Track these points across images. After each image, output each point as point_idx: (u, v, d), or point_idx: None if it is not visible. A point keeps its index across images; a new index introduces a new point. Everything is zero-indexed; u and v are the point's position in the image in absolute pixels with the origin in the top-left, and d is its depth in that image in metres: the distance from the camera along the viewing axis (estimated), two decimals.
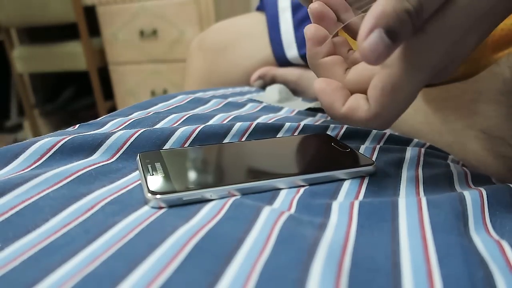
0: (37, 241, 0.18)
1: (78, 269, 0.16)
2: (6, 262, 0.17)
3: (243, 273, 0.17)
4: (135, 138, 0.29)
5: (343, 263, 0.17)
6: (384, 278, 0.17)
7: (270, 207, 0.22)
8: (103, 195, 0.23)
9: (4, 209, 0.20)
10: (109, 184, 0.24)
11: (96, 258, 0.17)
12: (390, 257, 0.18)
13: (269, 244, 0.19)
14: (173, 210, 0.22)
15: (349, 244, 0.19)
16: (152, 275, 0.16)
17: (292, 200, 0.24)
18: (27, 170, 0.25)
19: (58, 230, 0.19)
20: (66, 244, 0.18)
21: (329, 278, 0.16)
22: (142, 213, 0.21)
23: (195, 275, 0.16)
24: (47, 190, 0.22)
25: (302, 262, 0.17)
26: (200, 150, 0.29)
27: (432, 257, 0.18)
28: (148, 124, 0.34)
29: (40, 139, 0.28)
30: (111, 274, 0.16)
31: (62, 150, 0.27)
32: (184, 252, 0.18)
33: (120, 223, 0.20)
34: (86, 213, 0.21)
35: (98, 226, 0.20)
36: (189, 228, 0.20)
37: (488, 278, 0.17)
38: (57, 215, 0.20)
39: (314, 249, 0.18)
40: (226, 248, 0.18)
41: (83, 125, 0.34)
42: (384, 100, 0.22)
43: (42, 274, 0.16)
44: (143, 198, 0.23)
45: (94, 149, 0.28)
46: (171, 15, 1.61)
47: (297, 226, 0.20)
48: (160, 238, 0.19)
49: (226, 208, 0.22)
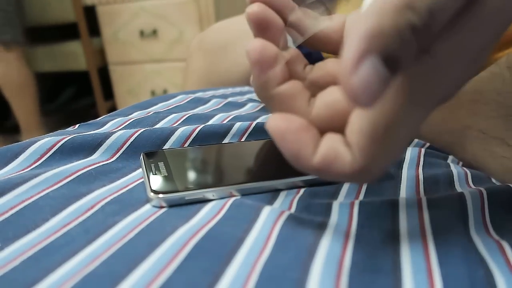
0: (37, 241, 0.18)
1: (78, 269, 0.16)
2: (6, 262, 0.17)
3: (243, 273, 0.17)
4: (135, 138, 0.29)
5: (343, 263, 0.17)
6: (384, 278, 0.17)
7: (270, 206, 0.22)
8: (103, 194, 0.23)
9: (4, 208, 0.20)
10: (109, 183, 0.24)
11: (96, 257, 0.17)
12: (390, 257, 0.18)
13: (269, 244, 0.19)
14: (173, 210, 0.22)
15: (349, 244, 0.19)
16: (152, 275, 0.16)
17: (292, 200, 0.24)
18: (27, 169, 0.25)
19: (58, 230, 0.19)
20: (66, 243, 0.18)
21: (329, 278, 0.16)
22: (142, 213, 0.21)
23: (195, 275, 0.16)
24: (47, 189, 0.23)
25: (302, 262, 0.17)
26: (203, 150, 0.29)
27: (432, 257, 0.18)
28: (148, 124, 0.34)
29: (40, 139, 0.28)
30: (111, 273, 0.16)
31: (62, 150, 0.27)
32: (184, 252, 0.18)
33: (120, 223, 0.20)
34: (86, 212, 0.21)
35: (98, 225, 0.20)
36: (189, 228, 0.20)
37: (488, 277, 0.17)
38: (57, 215, 0.20)
39: (314, 249, 0.18)
40: (226, 248, 0.18)
41: (83, 125, 0.34)
42: (374, 148, 0.16)
43: (42, 273, 0.16)
44: (143, 198, 0.23)
45: (94, 148, 0.28)
46: (171, 15, 1.61)
47: (297, 225, 0.20)
48: (160, 237, 0.19)
49: (226, 208, 0.22)
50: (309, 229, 0.20)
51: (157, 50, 1.68)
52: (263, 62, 0.19)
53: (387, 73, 0.14)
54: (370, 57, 0.13)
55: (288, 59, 0.20)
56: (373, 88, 0.13)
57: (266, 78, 0.19)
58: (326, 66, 0.21)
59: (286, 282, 0.16)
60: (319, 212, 0.22)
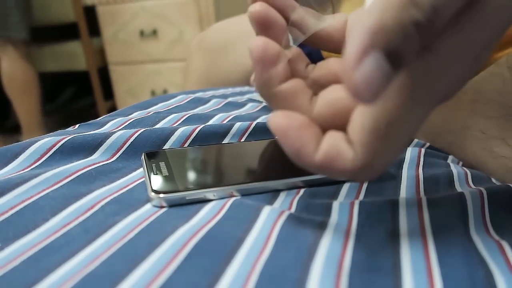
0: (37, 241, 0.18)
1: (78, 269, 0.16)
2: (6, 262, 0.17)
3: (243, 273, 0.17)
4: (135, 138, 0.29)
5: (343, 262, 0.17)
6: (384, 278, 0.17)
7: (270, 206, 0.22)
8: (103, 194, 0.23)
9: (4, 208, 0.20)
10: (109, 183, 0.24)
11: (96, 257, 0.17)
12: (390, 257, 0.18)
13: (269, 244, 0.19)
14: (174, 210, 0.22)
15: (349, 244, 0.19)
16: (152, 275, 0.16)
17: (292, 200, 0.24)
18: (27, 170, 0.25)
19: (58, 230, 0.19)
20: (66, 244, 0.18)
21: (329, 278, 0.16)
22: (142, 213, 0.21)
23: (195, 275, 0.16)
24: (47, 189, 0.23)
25: (302, 262, 0.17)
26: (204, 150, 0.29)
27: (432, 256, 0.18)
28: (148, 124, 0.34)
29: (40, 139, 0.28)
30: (111, 273, 0.16)
31: (62, 150, 0.27)
32: (184, 252, 0.18)
33: (120, 223, 0.20)
34: (86, 212, 0.21)
35: (98, 226, 0.20)
36: (189, 228, 0.20)
37: (488, 278, 0.17)
38: (57, 215, 0.20)
39: (314, 249, 0.18)
40: (226, 247, 0.18)
41: (83, 125, 0.34)
42: (376, 145, 0.16)
43: (42, 273, 0.16)
44: (143, 198, 0.23)
45: (94, 148, 0.28)
46: (171, 15, 1.61)
47: (297, 225, 0.20)
48: (160, 238, 0.19)
49: (226, 208, 0.22)
50: (309, 229, 0.20)
51: (157, 50, 1.68)
52: (266, 60, 0.19)
53: (390, 69, 0.14)
54: (373, 53, 0.13)
55: (290, 58, 0.20)
56: (375, 84, 0.14)
57: (269, 76, 0.19)
58: (328, 65, 0.21)
59: (286, 282, 0.16)
60: (319, 212, 0.22)
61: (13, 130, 1.89)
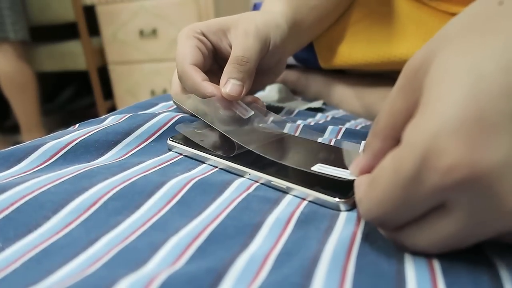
0: (39, 242, 0.18)
1: (78, 269, 0.16)
2: (7, 264, 0.17)
3: (248, 274, 0.16)
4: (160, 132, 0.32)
5: (347, 270, 0.17)
6: (388, 284, 0.16)
7: (276, 213, 0.22)
8: (106, 188, 0.23)
9: (4, 204, 0.20)
10: (111, 176, 0.24)
11: (98, 259, 0.17)
12: (394, 262, 0.18)
13: (274, 251, 0.18)
14: (176, 209, 0.22)
15: (353, 251, 0.18)
16: (154, 275, 0.16)
17: (298, 205, 0.23)
18: (28, 172, 0.25)
19: (59, 231, 0.19)
20: (67, 245, 0.18)
21: (332, 285, 0.16)
22: (145, 212, 0.21)
23: (197, 276, 0.16)
24: (48, 185, 0.22)
25: (305, 269, 0.17)
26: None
27: (436, 265, 0.18)
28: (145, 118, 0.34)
29: (42, 144, 0.28)
30: (111, 274, 0.16)
31: (65, 157, 0.27)
32: (187, 254, 0.18)
33: (122, 223, 0.20)
34: (88, 210, 0.21)
35: (100, 226, 0.20)
36: (192, 229, 0.20)
37: (494, 282, 0.16)
38: (58, 212, 0.20)
39: (318, 256, 0.18)
40: (229, 252, 0.18)
41: (83, 124, 0.34)
42: None
43: (44, 275, 0.16)
44: (146, 192, 0.23)
45: (101, 155, 0.29)
46: (171, 15, 1.60)
47: (302, 232, 0.20)
48: (163, 238, 0.19)
49: (230, 209, 0.22)
50: (314, 235, 0.20)
51: (156, 49, 1.68)
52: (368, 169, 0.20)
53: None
54: None
55: None
56: None
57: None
58: None
59: (289, 287, 0.16)
60: (325, 218, 0.22)
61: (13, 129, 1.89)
